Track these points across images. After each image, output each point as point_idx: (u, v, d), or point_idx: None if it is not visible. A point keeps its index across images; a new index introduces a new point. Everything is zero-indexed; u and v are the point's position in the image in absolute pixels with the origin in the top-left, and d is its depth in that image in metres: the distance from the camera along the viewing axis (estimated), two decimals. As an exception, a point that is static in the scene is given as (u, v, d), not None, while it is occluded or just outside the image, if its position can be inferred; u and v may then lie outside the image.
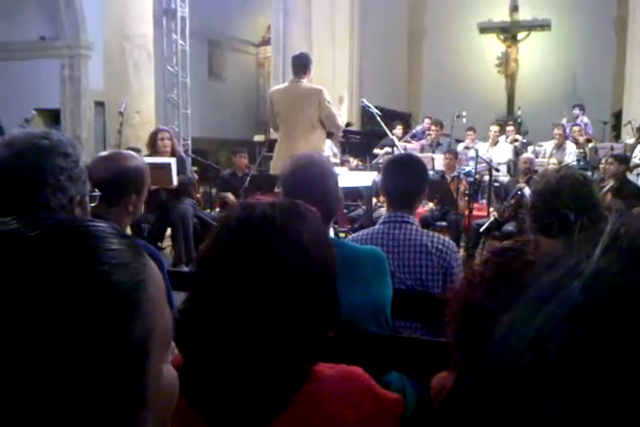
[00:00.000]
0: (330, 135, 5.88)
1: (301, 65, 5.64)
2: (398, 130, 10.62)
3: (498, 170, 8.73)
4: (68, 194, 1.60)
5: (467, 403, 0.38)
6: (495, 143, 10.42)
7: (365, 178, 6.76)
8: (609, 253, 0.34)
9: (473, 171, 7.86)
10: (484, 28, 16.04)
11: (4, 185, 1.53)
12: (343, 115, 6.30)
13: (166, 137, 5.89)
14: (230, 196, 7.42)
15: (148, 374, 0.56)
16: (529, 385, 0.33)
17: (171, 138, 5.89)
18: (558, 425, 0.31)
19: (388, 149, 8.47)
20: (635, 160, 8.65)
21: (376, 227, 2.75)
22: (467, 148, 10.19)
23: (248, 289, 1.05)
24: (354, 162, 9.07)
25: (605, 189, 6.03)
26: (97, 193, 1.84)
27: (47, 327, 0.49)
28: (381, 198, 7.67)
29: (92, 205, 1.79)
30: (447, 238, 2.75)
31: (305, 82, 5.62)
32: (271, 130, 6.04)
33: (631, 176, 7.62)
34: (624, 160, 7.10)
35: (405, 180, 2.73)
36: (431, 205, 7.38)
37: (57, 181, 1.57)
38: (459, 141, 11.03)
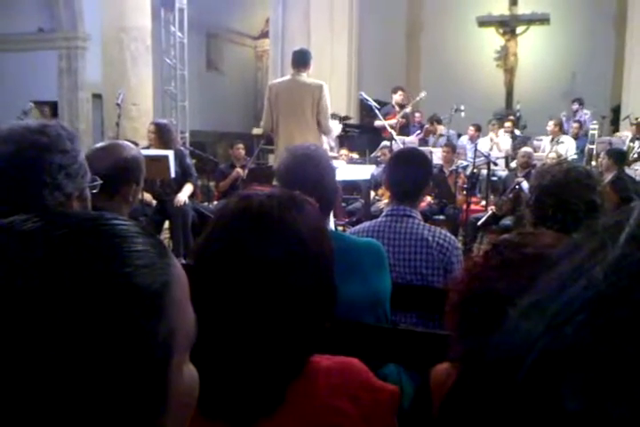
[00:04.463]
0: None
1: (301, 60, 5.68)
2: (399, 96, 10.54)
3: (496, 164, 8.73)
4: (65, 191, 1.58)
5: (474, 395, 0.37)
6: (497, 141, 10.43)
7: (363, 171, 6.75)
8: (634, 239, 0.33)
9: (471, 163, 7.87)
10: (483, 22, 15.98)
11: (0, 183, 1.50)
12: (342, 109, 6.30)
13: (150, 130, 5.92)
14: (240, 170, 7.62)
15: (170, 375, 0.56)
16: (543, 373, 0.32)
17: (155, 131, 5.85)
18: (575, 415, 0.30)
19: (386, 143, 8.46)
20: (633, 156, 8.66)
21: (378, 220, 2.74)
22: (471, 140, 10.27)
23: (244, 280, 1.04)
24: (342, 156, 8.98)
25: (604, 182, 6.04)
26: (98, 182, 1.82)
27: (71, 329, 0.49)
28: (379, 192, 7.69)
29: (94, 191, 1.78)
30: (449, 234, 2.73)
31: (305, 76, 5.65)
32: (261, 123, 5.99)
33: (629, 170, 7.62)
34: (619, 155, 7.09)
35: (409, 174, 2.72)
36: (429, 198, 7.38)
37: (54, 179, 1.54)
38: (459, 135, 11.05)
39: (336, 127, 7.98)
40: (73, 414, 0.48)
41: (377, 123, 9.13)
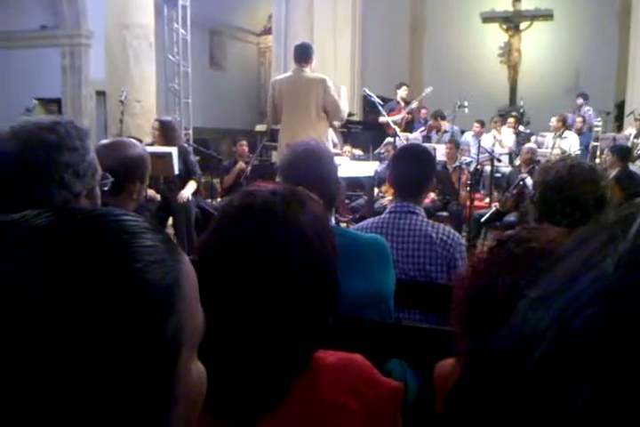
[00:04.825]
0: (332, 125, 5.87)
1: (304, 54, 5.64)
2: (404, 91, 10.54)
3: (500, 160, 8.72)
4: (73, 190, 1.57)
5: (480, 389, 0.36)
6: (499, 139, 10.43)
7: (367, 168, 6.74)
8: None
9: (475, 159, 7.85)
10: (487, 18, 15.96)
11: (7, 180, 1.49)
12: (344, 103, 6.22)
13: (154, 127, 5.93)
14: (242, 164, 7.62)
15: (178, 371, 0.56)
16: (550, 368, 0.31)
17: (159, 128, 5.85)
18: (582, 410, 0.30)
19: (390, 140, 8.44)
20: (638, 152, 8.64)
21: (382, 216, 2.73)
22: (476, 136, 10.26)
23: (248, 277, 1.04)
24: (346, 152, 8.94)
25: (609, 178, 6.02)
26: (109, 180, 1.82)
27: (80, 324, 0.49)
28: (383, 188, 7.67)
29: (105, 189, 1.77)
30: (453, 230, 2.73)
31: (308, 71, 5.62)
32: (266, 120, 5.98)
33: (633, 167, 7.60)
34: (623, 151, 7.07)
35: (412, 170, 2.72)
36: (432, 195, 7.37)
37: (62, 178, 1.54)
38: (463, 132, 11.04)
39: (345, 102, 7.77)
40: (80, 408, 0.48)
41: (381, 119, 9.09)
